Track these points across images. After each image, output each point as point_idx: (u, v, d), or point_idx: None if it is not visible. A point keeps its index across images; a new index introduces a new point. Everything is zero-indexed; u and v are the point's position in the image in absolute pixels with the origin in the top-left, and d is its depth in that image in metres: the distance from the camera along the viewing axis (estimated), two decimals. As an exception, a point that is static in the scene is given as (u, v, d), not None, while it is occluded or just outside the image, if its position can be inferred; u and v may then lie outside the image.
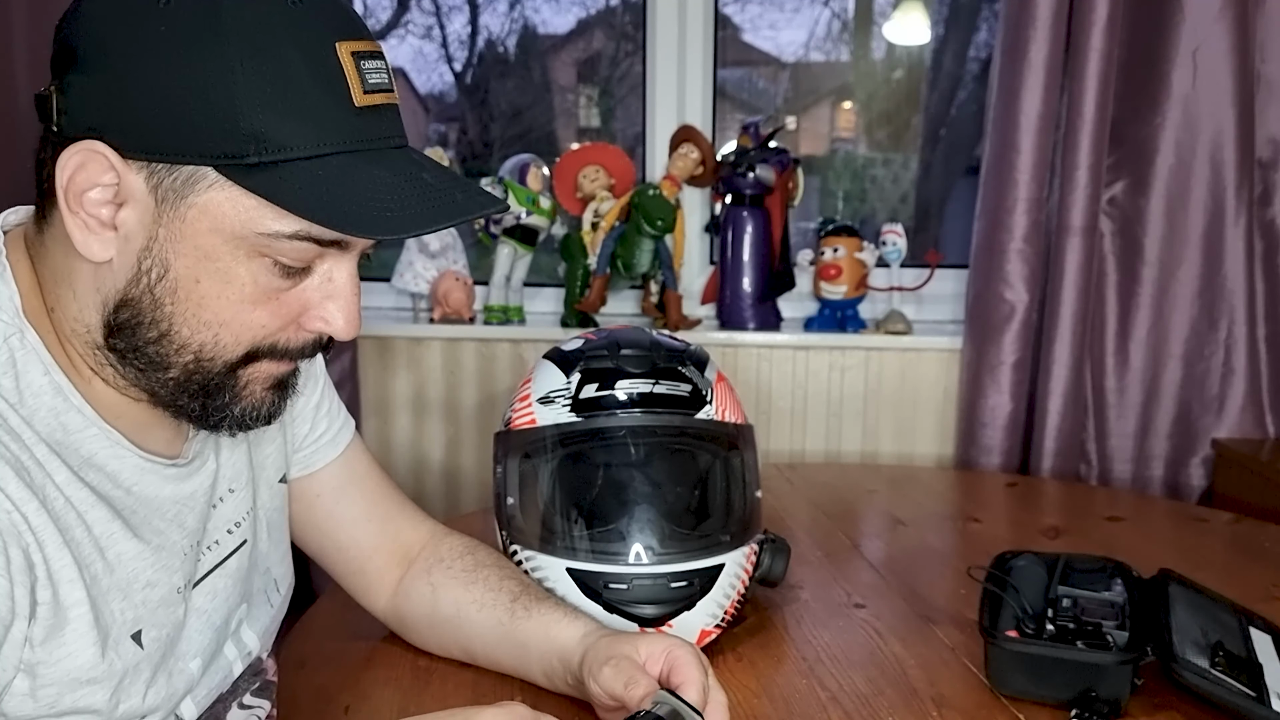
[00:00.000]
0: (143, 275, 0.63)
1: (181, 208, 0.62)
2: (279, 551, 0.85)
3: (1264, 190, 1.73)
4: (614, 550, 0.90)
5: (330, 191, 0.61)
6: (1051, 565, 0.95)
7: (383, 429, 1.95)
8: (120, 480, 0.67)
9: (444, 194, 0.66)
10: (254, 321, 0.66)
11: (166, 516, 0.70)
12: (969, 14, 2.37)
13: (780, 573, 0.99)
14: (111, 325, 0.65)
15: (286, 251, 0.64)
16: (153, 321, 0.64)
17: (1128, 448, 1.80)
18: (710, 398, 0.94)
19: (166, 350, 0.65)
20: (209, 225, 0.62)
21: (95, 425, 0.66)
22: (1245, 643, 0.87)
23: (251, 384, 0.69)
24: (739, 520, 0.95)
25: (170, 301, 0.64)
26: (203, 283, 0.63)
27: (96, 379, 0.67)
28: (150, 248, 0.63)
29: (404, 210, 0.63)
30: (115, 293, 0.64)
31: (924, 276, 1.91)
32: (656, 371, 0.92)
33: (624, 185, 1.94)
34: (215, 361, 0.66)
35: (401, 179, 0.64)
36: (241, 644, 0.80)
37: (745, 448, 0.97)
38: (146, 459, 0.69)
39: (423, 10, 2.51)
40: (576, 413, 0.91)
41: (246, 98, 0.59)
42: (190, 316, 0.64)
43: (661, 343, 0.97)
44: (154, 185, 0.61)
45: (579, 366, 0.93)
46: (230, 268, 0.63)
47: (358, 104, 0.63)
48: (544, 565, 0.91)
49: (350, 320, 0.68)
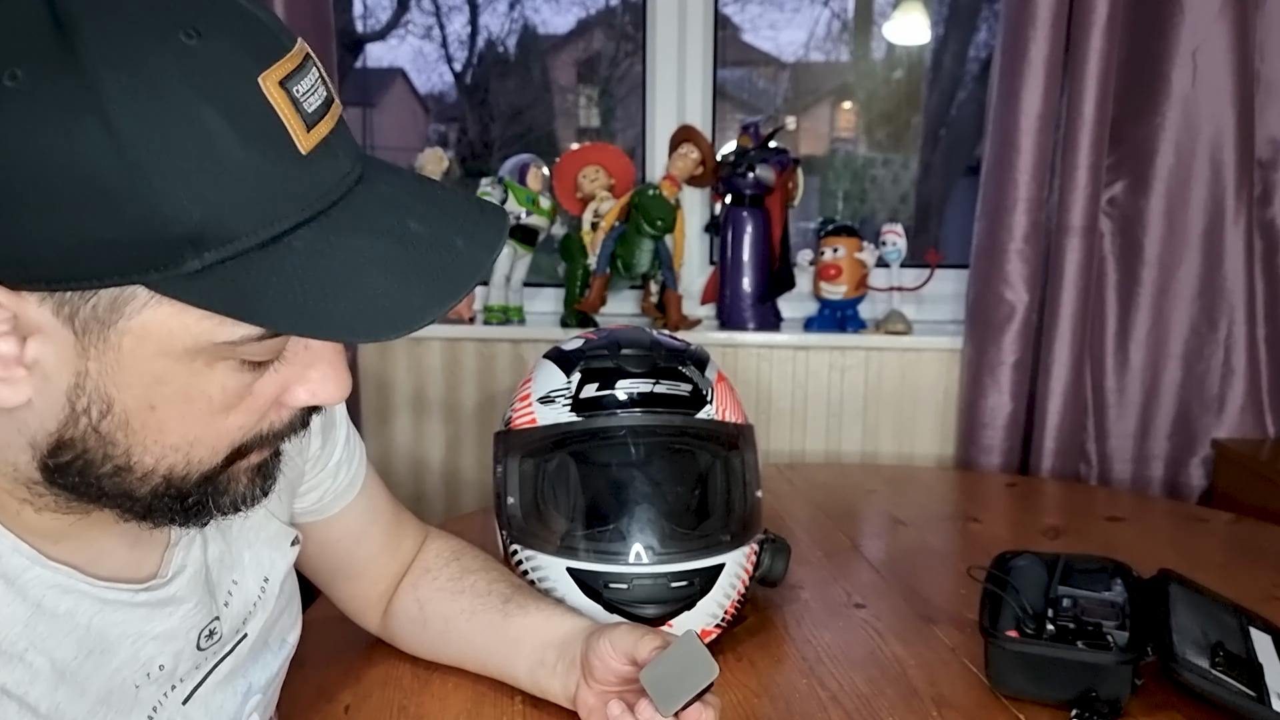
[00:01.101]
0: (80, 415, 0.51)
1: (111, 336, 0.48)
2: (292, 616, 0.78)
3: (1264, 190, 1.73)
4: (614, 550, 0.90)
5: (305, 285, 0.48)
6: (1051, 565, 0.95)
7: (383, 429, 1.95)
8: (77, 619, 0.57)
9: (442, 248, 0.52)
10: (230, 427, 0.55)
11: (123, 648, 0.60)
12: (969, 14, 2.37)
13: (780, 573, 0.99)
14: (50, 466, 0.53)
15: (254, 352, 0.52)
16: (105, 457, 0.52)
17: (1128, 448, 1.80)
18: (710, 397, 0.94)
19: (128, 481, 0.54)
20: (154, 349, 0.49)
21: (38, 564, 0.55)
22: (1245, 643, 0.87)
23: (235, 478, 0.58)
24: (739, 520, 0.95)
25: (124, 435, 0.52)
26: (159, 408, 0.51)
27: (27, 510, 0.55)
28: (81, 385, 0.50)
29: (398, 289, 0.50)
30: (46, 435, 0.51)
31: (924, 276, 1.91)
32: (657, 371, 0.92)
33: (624, 185, 1.94)
34: (190, 477, 0.55)
35: (386, 241, 0.51)
36: None
37: (745, 447, 0.97)
38: (106, 588, 0.59)
39: (423, 10, 2.51)
40: (577, 412, 0.91)
41: (163, 185, 0.44)
42: (152, 444, 0.52)
43: (662, 342, 0.97)
44: (66, 316, 0.48)
45: (579, 366, 0.93)
46: (189, 384, 0.51)
47: (304, 151, 0.48)
48: (544, 565, 0.91)
49: (339, 383, 0.56)
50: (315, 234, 0.49)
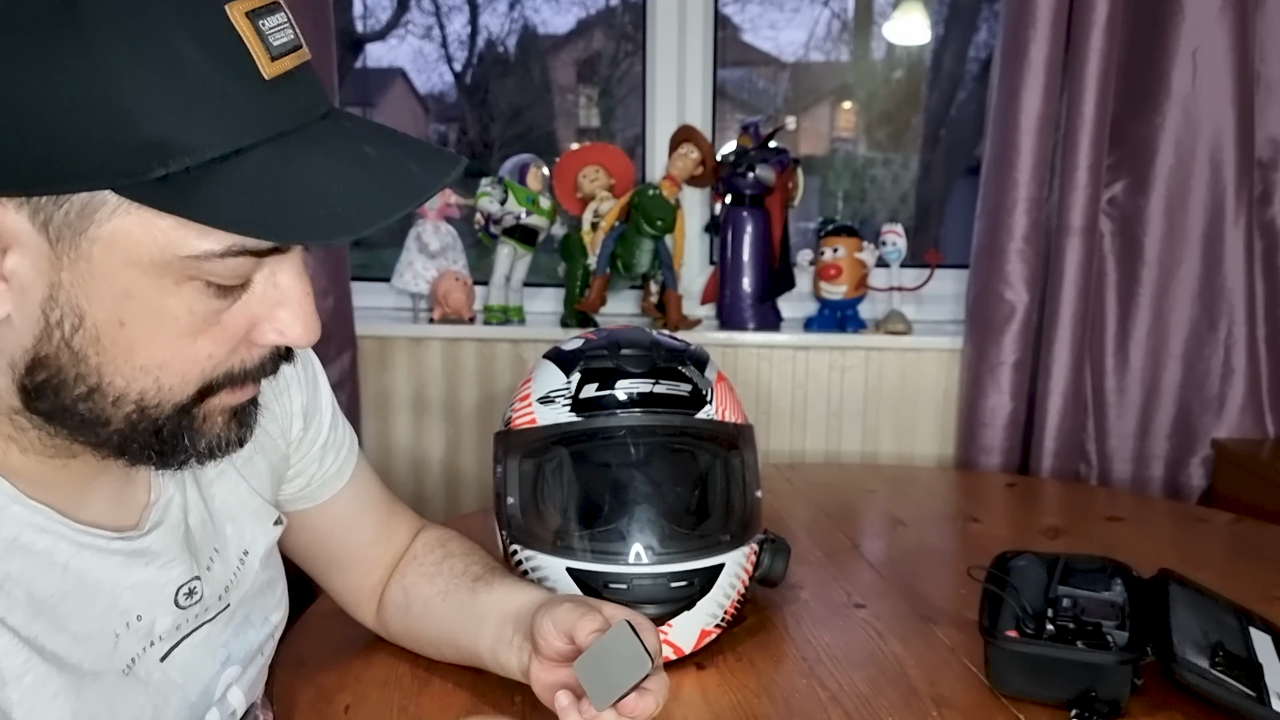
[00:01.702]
0: (53, 329, 0.53)
1: (83, 244, 0.51)
2: (276, 596, 0.79)
3: (1264, 190, 1.73)
4: (614, 550, 0.90)
5: (261, 195, 0.51)
6: (1051, 565, 0.95)
7: (383, 429, 1.95)
8: (54, 559, 0.59)
9: (395, 169, 0.56)
10: (198, 354, 0.56)
11: (100, 595, 0.61)
12: (969, 14, 2.37)
13: (780, 573, 0.99)
14: (28, 388, 0.55)
15: (219, 272, 0.53)
16: (78, 377, 0.54)
17: (1128, 448, 1.80)
18: (710, 397, 0.94)
19: (100, 405, 0.55)
20: (122, 259, 0.51)
21: (17, 503, 0.57)
22: (1245, 643, 0.87)
23: (210, 417, 0.59)
24: (739, 520, 0.95)
25: (95, 352, 0.53)
26: (129, 325, 0.53)
27: (13, 450, 0.58)
28: (55, 296, 0.52)
29: (354, 200, 0.53)
30: (24, 352, 0.54)
31: (924, 276, 1.91)
32: (656, 371, 0.92)
33: (624, 185, 1.94)
34: (162, 406, 0.56)
35: (341, 162, 0.54)
36: (226, 706, 0.72)
37: (745, 447, 0.97)
38: (83, 532, 0.60)
39: (423, 10, 2.51)
40: (576, 412, 0.91)
41: (134, 98, 0.48)
42: (122, 364, 0.54)
43: (661, 342, 0.97)
44: (41, 223, 0.50)
45: (579, 366, 0.93)
46: (158, 302, 0.53)
47: (268, 76, 0.52)
48: (544, 565, 0.91)
49: (308, 325, 0.58)
50: (274, 151, 0.52)
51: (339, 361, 1.83)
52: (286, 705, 0.87)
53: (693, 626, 0.90)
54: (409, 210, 0.55)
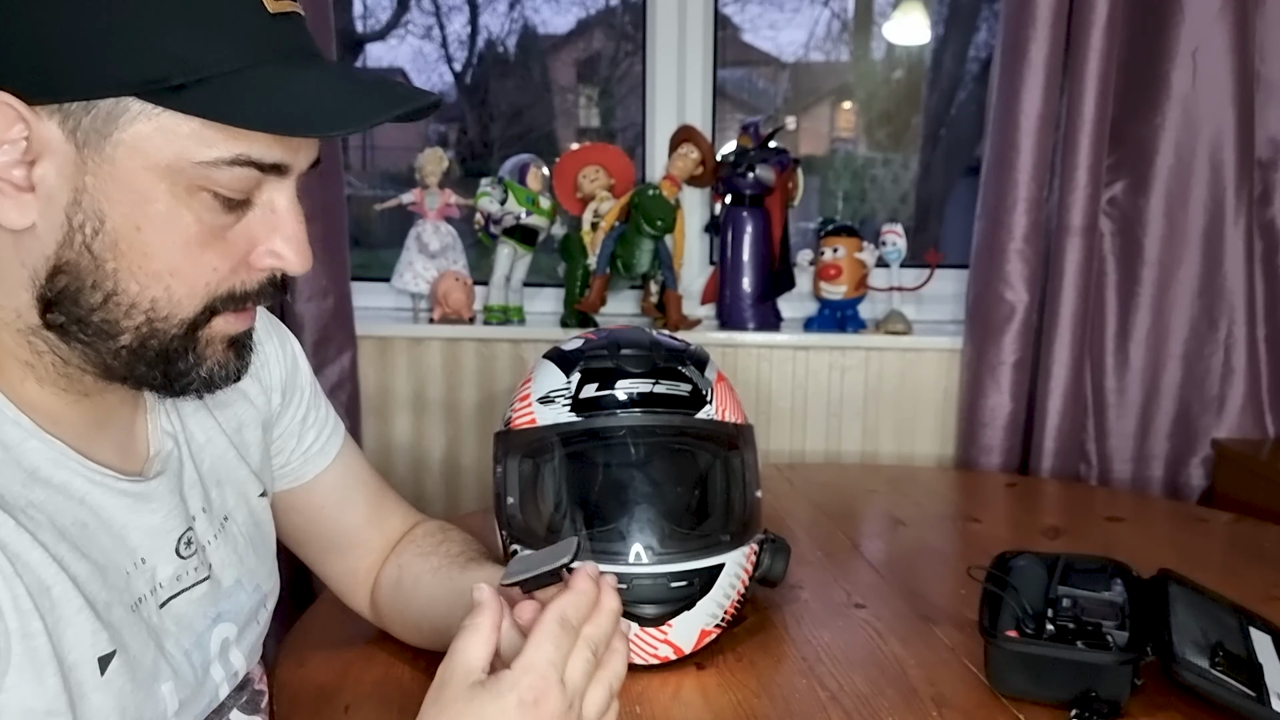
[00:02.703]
0: (75, 233, 0.58)
1: (107, 148, 0.57)
2: (266, 567, 0.81)
3: (1264, 190, 1.73)
4: (614, 550, 0.90)
5: (268, 100, 0.57)
6: (1051, 565, 0.95)
7: (383, 429, 1.95)
8: (71, 492, 0.62)
9: (383, 88, 0.62)
10: (205, 265, 0.61)
11: (113, 530, 0.65)
12: (969, 14, 2.37)
13: (780, 573, 0.99)
14: (47, 298, 0.59)
15: (226, 181, 0.59)
16: (95, 284, 0.59)
17: (1128, 448, 1.80)
18: (710, 397, 0.94)
19: (114, 314, 0.60)
20: (142, 162, 0.57)
21: (35, 437, 0.61)
22: (1245, 643, 0.87)
23: (212, 343, 0.64)
24: (739, 520, 0.95)
25: (112, 257, 0.59)
26: (144, 230, 0.58)
27: (30, 380, 0.62)
28: (79, 201, 0.57)
29: (349, 106, 0.59)
30: (45, 260, 0.59)
31: (924, 276, 1.91)
32: (656, 371, 0.92)
33: (624, 185, 1.94)
34: (170, 320, 0.61)
35: (334, 77, 0.61)
36: (229, 665, 0.75)
37: (745, 447, 0.97)
38: (95, 470, 0.64)
39: (423, 10, 2.51)
40: (576, 412, 0.91)
41: (157, 15, 0.55)
42: (137, 270, 0.59)
43: (661, 342, 0.97)
44: (71, 129, 0.56)
45: (579, 366, 0.93)
46: (171, 208, 0.59)
47: (271, 11, 0.58)
48: None
49: (301, 251, 0.64)
50: (274, 70, 0.59)
51: (339, 361, 1.82)
52: (286, 705, 0.87)
53: (693, 626, 0.90)
54: (400, 112, 0.60)
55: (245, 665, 0.78)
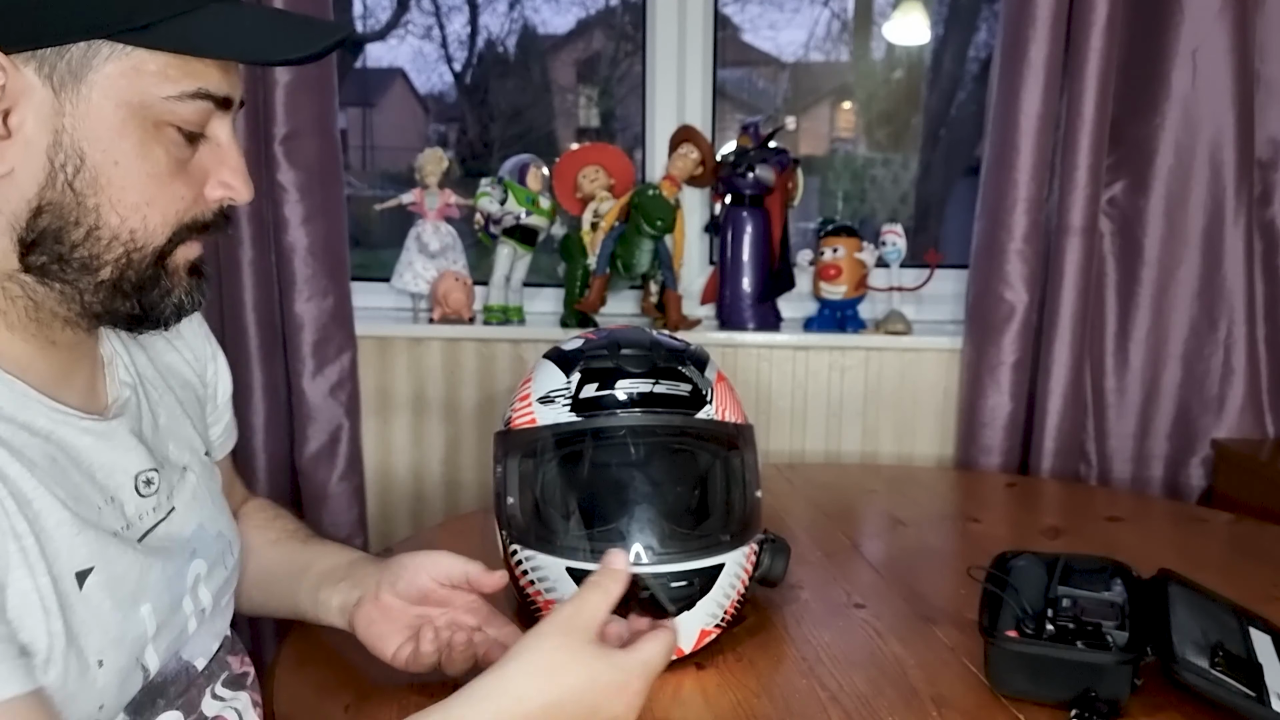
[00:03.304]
0: (58, 173, 0.63)
1: (83, 89, 0.62)
2: (225, 517, 0.86)
3: (1264, 190, 1.73)
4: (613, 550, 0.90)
5: (223, 33, 0.65)
6: (1051, 565, 0.95)
7: (383, 429, 1.95)
8: (36, 429, 0.66)
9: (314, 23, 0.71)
10: (175, 195, 0.67)
11: (81, 467, 0.68)
12: (969, 14, 2.37)
13: (780, 573, 0.99)
14: (28, 240, 0.64)
15: (187, 115, 0.66)
16: (78, 220, 0.64)
17: (1128, 448, 1.80)
18: (710, 397, 0.94)
19: (96, 248, 0.65)
20: (115, 101, 0.63)
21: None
22: (1245, 643, 0.87)
23: (178, 271, 0.71)
24: (739, 520, 0.95)
25: (93, 193, 0.64)
26: (121, 163, 0.64)
27: (1, 323, 0.66)
28: (60, 141, 0.62)
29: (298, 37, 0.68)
30: (26, 202, 0.63)
31: (924, 276, 1.91)
32: (656, 371, 0.92)
33: (624, 185, 1.94)
34: (145, 250, 0.67)
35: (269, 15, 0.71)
36: (198, 600, 0.79)
37: (745, 448, 0.97)
38: (58, 409, 0.68)
39: (423, 10, 2.51)
40: (576, 412, 0.91)
41: None
42: (117, 202, 0.65)
43: (661, 342, 0.97)
44: (46, 75, 0.61)
45: (579, 366, 0.93)
46: (143, 142, 0.64)
47: None
48: (544, 565, 0.91)
49: (246, 181, 0.71)
50: (222, 7, 0.66)
51: (339, 361, 1.82)
52: (286, 705, 0.87)
53: (692, 626, 0.90)
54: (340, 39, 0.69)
55: (212, 604, 0.81)
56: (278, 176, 1.72)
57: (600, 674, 0.67)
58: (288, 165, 1.72)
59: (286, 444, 1.85)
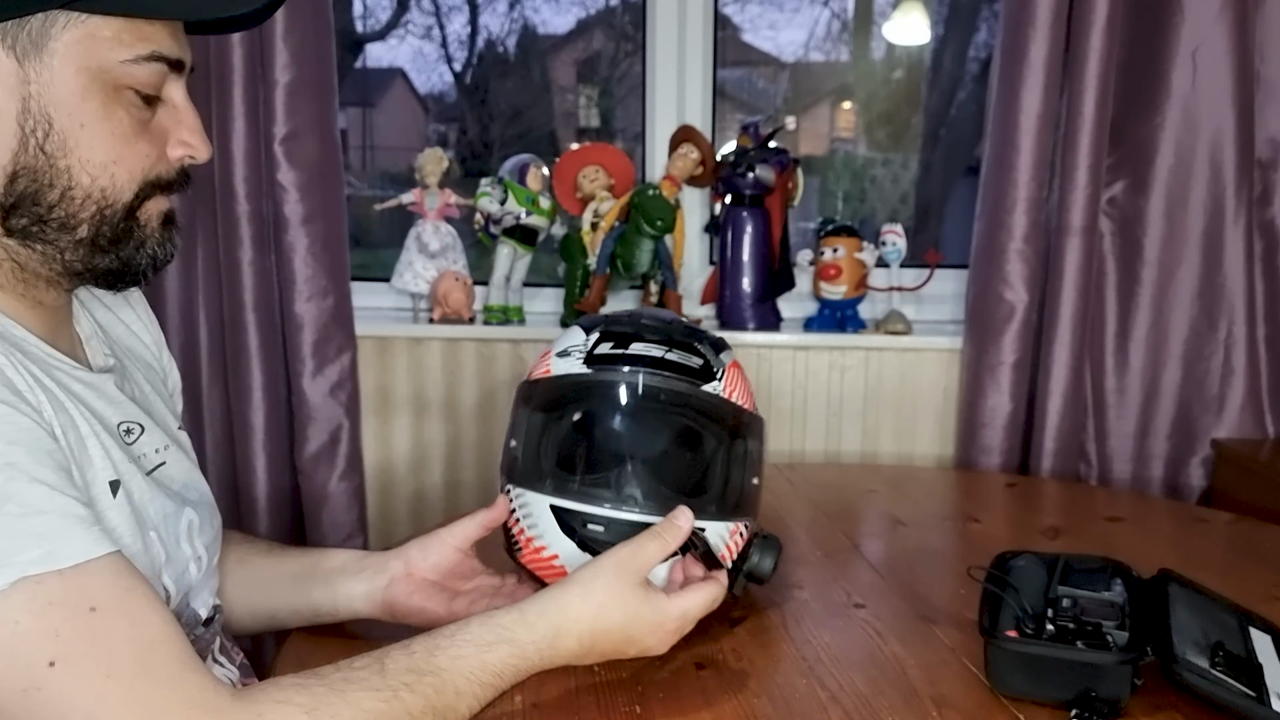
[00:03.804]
0: (28, 138, 0.67)
1: (45, 57, 0.66)
2: (205, 486, 0.89)
3: (1264, 190, 1.73)
4: (599, 494, 0.91)
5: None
6: (1051, 565, 0.95)
7: (383, 429, 1.95)
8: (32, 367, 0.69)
9: None
10: (140, 153, 0.71)
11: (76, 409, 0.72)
12: (969, 14, 2.37)
13: (768, 570, 0.98)
14: (7, 205, 0.68)
15: (143, 78, 0.69)
16: (51, 182, 0.68)
17: (1128, 448, 1.80)
18: (720, 376, 0.95)
19: (71, 208, 0.69)
20: (76, 65, 0.66)
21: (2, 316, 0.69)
22: (1245, 643, 0.87)
23: (149, 222, 0.74)
24: (729, 497, 0.95)
25: (63, 155, 0.68)
26: (87, 125, 0.68)
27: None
28: (28, 108, 0.66)
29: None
30: (2, 169, 0.67)
31: (924, 276, 1.91)
32: (672, 342, 0.94)
33: (624, 185, 1.94)
34: (116, 206, 0.71)
35: None
36: (194, 546, 0.82)
37: (749, 434, 0.97)
38: (53, 355, 0.72)
39: (423, 10, 2.51)
40: (588, 365, 0.94)
41: None
42: (87, 162, 0.69)
43: (683, 321, 1.00)
44: (10, 46, 0.65)
45: (600, 328, 0.96)
46: (106, 104, 0.68)
47: None
48: (530, 502, 0.93)
49: (203, 139, 0.75)
50: None
51: (339, 361, 1.82)
52: (286, 705, 0.87)
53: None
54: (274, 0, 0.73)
55: (207, 557, 0.85)
56: (278, 176, 1.72)
57: (642, 613, 0.79)
58: (288, 165, 1.72)
59: (286, 444, 1.85)
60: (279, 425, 1.83)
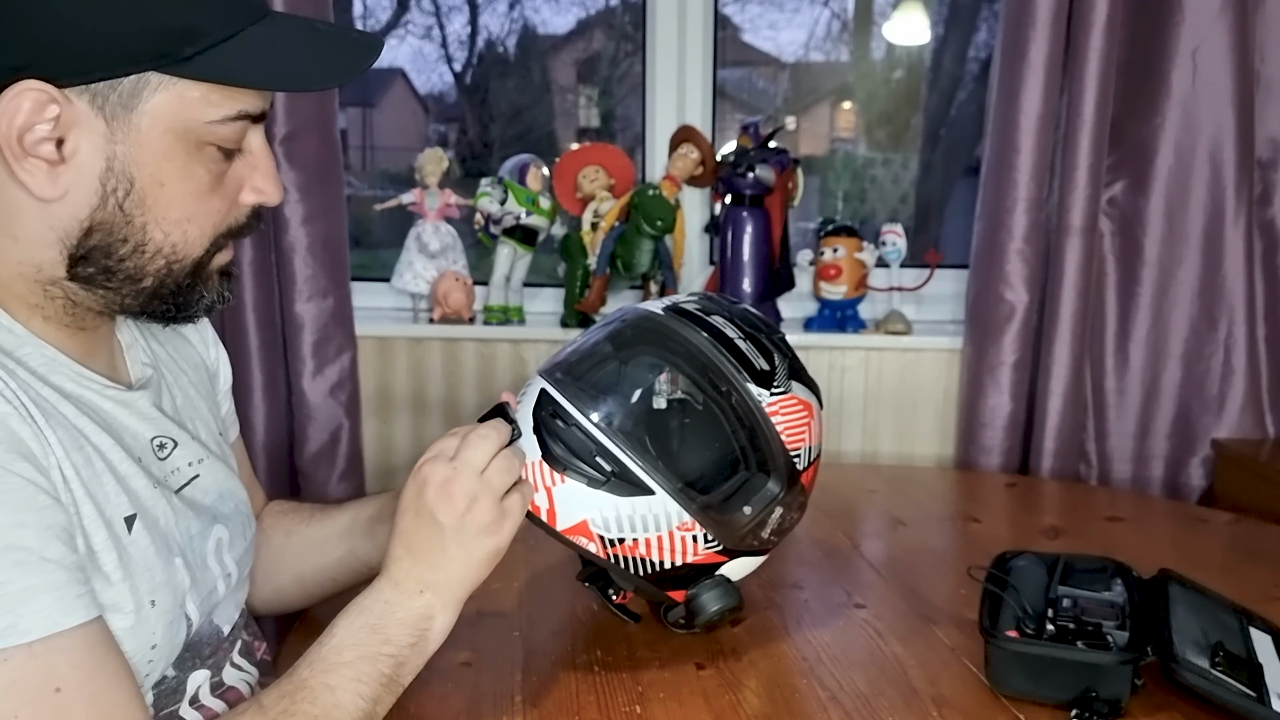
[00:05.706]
0: (109, 196, 0.67)
1: (134, 118, 0.66)
2: (244, 494, 0.89)
3: (1264, 190, 1.73)
4: (589, 405, 0.85)
5: (261, 60, 0.69)
6: (1051, 565, 0.95)
7: (383, 429, 1.95)
8: (66, 392, 0.70)
9: (344, 38, 0.75)
10: (213, 209, 0.72)
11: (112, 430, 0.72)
12: (969, 14, 2.37)
13: (709, 612, 0.89)
14: (77, 255, 0.68)
15: (226, 135, 0.69)
16: (125, 238, 0.68)
17: (1128, 448, 1.80)
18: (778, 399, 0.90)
19: (140, 261, 0.70)
20: (163, 128, 0.66)
21: (29, 343, 0.69)
22: (1245, 643, 0.87)
23: (211, 277, 0.75)
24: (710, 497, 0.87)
25: (140, 212, 0.68)
26: (167, 185, 0.68)
27: (36, 318, 0.70)
28: (111, 168, 0.66)
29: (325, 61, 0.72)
30: (79, 222, 0.67)
31: (924, 276, 1.91)
32: (751, 336, 0.91)
33: (624, 185, 1.94)
34: (185, 261, 0.71)
35: (302, 32, 0.72)
36: (223, 564, 0.82)
37: (774, 474, 0.92)
38: (86, 375, 0.72)
39: (423, 10, 2.51)
40: (666, 311, 0.91)
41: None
42: (162, 219, 0.69)
43: (784, 338, 0.97)
44: (99, 106, 0.65)
45: (702, 296, 0.95)
46: (186, 163, 0.68)
47: None
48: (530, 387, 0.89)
49: (277, 184, 0.75)
50: (256, 32, 0.69)
51: (339, 361, 1.82)
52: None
53: (576, 508, 0.84)
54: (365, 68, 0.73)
55: (237, 572, 0.84)
56: (278, 176, 1.72)
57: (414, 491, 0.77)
58: (288, 165, 1.72)
59: (286, 444, 1.85)
60: (279, 425, 1.83)
